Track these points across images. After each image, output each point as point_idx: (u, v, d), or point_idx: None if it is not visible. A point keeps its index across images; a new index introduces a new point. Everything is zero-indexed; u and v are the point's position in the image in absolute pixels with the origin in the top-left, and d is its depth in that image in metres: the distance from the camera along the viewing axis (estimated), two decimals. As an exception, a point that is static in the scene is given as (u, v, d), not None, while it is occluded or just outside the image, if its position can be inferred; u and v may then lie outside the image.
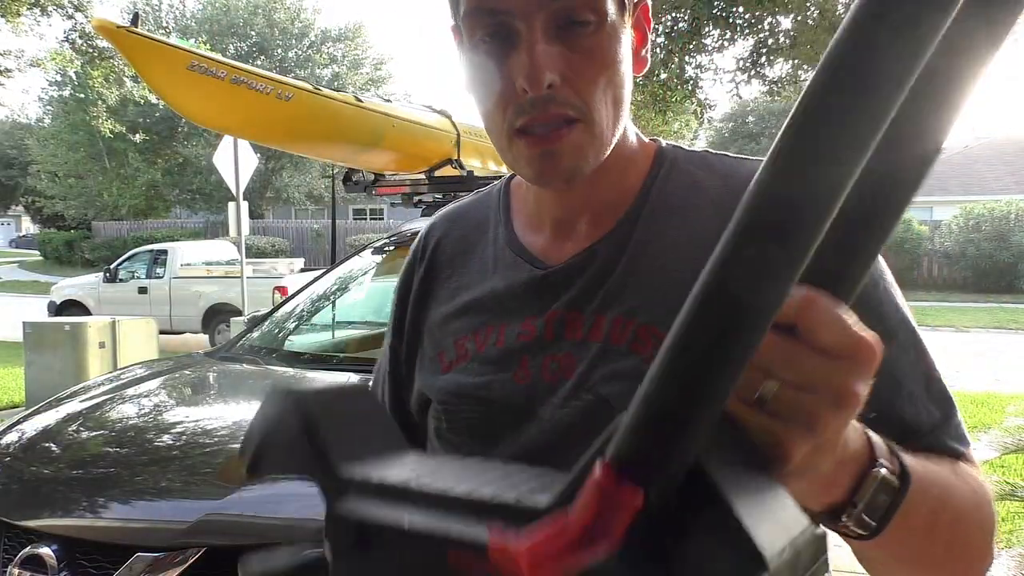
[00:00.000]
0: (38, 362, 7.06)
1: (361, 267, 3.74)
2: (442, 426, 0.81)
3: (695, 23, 7.70)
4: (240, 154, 8.99)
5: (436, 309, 0.86)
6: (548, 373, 0.75)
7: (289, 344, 3.27)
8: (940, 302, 19.77)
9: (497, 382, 0.77)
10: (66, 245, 32.81)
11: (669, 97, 8.73)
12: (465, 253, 0.87)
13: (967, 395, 8.28)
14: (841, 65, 0.31)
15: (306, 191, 34.71)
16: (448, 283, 0.86)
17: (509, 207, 0.87)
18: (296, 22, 34.73)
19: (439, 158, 3.84)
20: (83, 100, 23.21)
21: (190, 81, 2.78)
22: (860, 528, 0.56)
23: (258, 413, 0.47)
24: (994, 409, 7.22)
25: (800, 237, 0.33)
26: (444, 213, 0.94)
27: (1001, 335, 14.69)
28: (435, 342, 0.85)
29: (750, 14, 7.59)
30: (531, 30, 0.67)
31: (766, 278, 0.33)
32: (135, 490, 1.92)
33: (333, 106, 3.25)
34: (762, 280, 0.33)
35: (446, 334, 0.83)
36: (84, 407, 2.46)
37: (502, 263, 0.82)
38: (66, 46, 12.05)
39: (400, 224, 4.06)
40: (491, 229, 0.86)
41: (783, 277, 0.33)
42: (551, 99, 0.68)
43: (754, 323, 0.34)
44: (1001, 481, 3.28)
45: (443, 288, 0.86)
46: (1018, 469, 5.20)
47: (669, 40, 8.02)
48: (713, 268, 0.33)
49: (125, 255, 14.13)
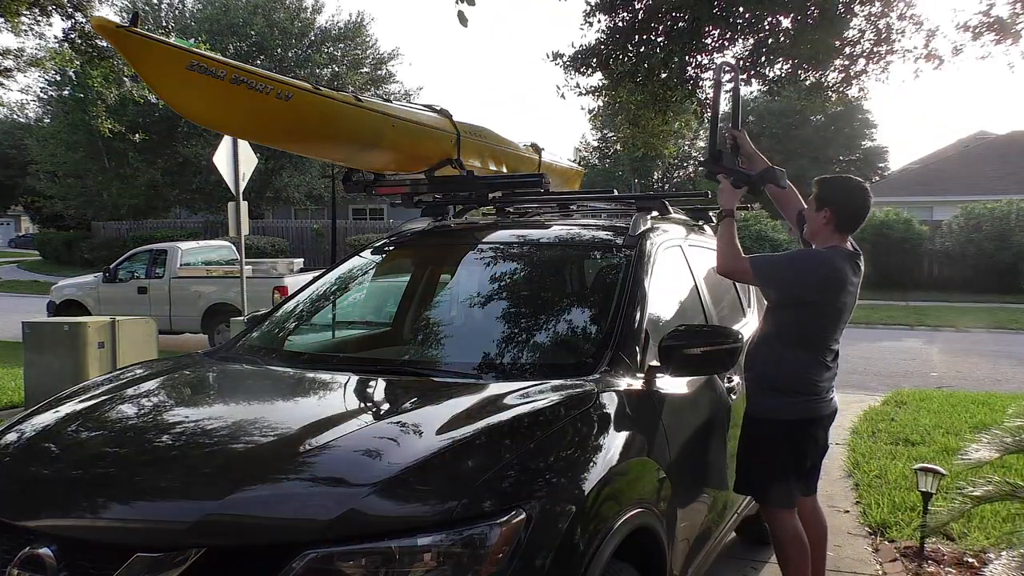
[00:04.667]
0: (38, 362, 7.06)
1: (361, 267, 3.74)
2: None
3: (695, 23, 7.69)
4: (240, 154, 8.99)
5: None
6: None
7: (289, 344, 3.26)
8: (940, 302, 19.74)
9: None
10: (65, 245, 32.78)
11: (669, 97, 8.72)
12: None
13: (967, 395, 8.27)
14: None
15: (306, 191, 34.69)
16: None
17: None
18: (296, 21, 34.70)
19: (439, 158, 3.83)
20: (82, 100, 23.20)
21: (190, 81, 2.77)
22: None
23: None
24: (994, 409, 7.22)
25: None
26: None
27: (1001, 335, 14.68)
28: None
29: (750, 14, 7.58)
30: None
31: None
32: (135, 490, 1.91)
33: (333, 106, 3.24)
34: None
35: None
36: (84, 407, 2.46)
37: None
38: (65, 46, 12.03)
39: (400, 224, 4.05)
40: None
41: None
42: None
43: None
44: (1001, 481, 3.27)
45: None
46: (1018, 469, 5.20)
47: (669, 40, 8.01)
48: None
49: (125, 255, 14.11)
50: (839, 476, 5.55)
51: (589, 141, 44.90)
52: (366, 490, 1.78)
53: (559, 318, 3.04)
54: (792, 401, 3.10)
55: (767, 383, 3.13)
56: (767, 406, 3.12)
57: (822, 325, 3.12)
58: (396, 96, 31.18)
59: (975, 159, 31.37)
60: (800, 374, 3.11)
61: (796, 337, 3.11)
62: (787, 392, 3.10)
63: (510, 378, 2.56)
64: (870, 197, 3.16)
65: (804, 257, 3.21)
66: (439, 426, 2.07)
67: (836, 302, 3.08)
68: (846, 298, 3.11)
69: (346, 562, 1.68)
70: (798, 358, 3.11)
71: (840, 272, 3.07)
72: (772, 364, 3.13)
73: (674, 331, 2.69)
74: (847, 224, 3.14)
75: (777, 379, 3.12)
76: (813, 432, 3.18)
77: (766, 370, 3.13)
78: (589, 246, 3.47)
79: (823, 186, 3.18)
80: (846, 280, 3.08)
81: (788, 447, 3.14)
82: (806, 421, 3.14)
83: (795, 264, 3.18)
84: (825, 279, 3.05)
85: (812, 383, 3.12)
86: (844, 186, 3.17)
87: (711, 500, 3.08)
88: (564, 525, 1.86)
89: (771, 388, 3.12)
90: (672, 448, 2.55)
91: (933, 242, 21.87)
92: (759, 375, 3.15)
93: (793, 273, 3.12)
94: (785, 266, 3.19)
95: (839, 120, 39.69)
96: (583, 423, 2.21)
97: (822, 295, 3.06)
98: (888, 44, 7.80)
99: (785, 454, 3.14)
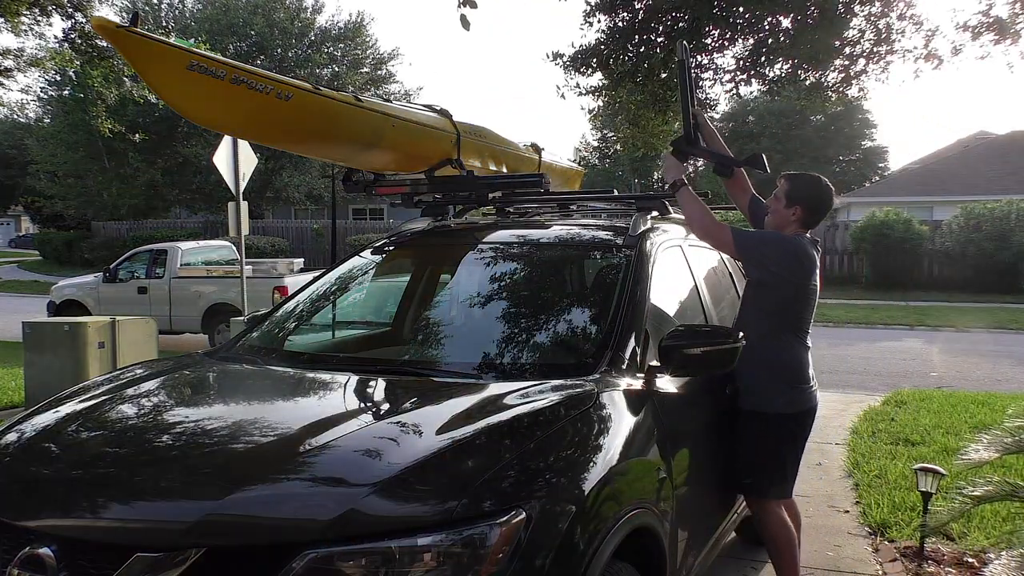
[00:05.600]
0: (38, 362, 7.06)
1: (361, 267, 3.74)
2: None
3: (695, 23, 7.69)
4: (240, 154, 8.99)
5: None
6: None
7: (289, 344, 3.26)
8: (940, 302, 19.74)
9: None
10: (65, 245, 32.77)
11: (669, 97, 8.71)
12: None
13: (967, 395, 8.27)
14: None
15: (306, 191, 34.69)
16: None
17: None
18: (296, 21, 34.70)
19: (439, 158, 3.83)
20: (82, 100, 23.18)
21: (190, 81, 2.77)
22: None
23: None
24: (994, 409, 7.22)
25: None
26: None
27: (1001, 335, 14.67)
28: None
29: (750, 14, 7.57)
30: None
31: None
32: (135, 490, 1.91)
33: (333, 106, 3.23)
34: None
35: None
36: (84, 407, 2.46)
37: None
38: (65, 46, 12.03)
39: (400, 224, 4.05)
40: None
41: None
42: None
43: None
44: (1001, 481, 3.27)
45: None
46: (1018, 469, 5.20)
47: (669, 40, 8.00)
48: None
49: (125, 255, 14.11)
50: (839, 476, 5.55)
51: (589, 141, 44.97)
52: (366, 490, 1.78)
53: (559, 318, 3.04)
54: (793, 394, 3.19)
55: (767, 374, 3.16)
56: (772, 400, 3.17)
57: (802, 307, 3.24)
58: (396, 96, 31.19)
59: (975, 159, 31.36)
60: (795, 361, 3.22)
61: (782, 322, 3.22)
62: (789, 383, 3.19)
63: (510, 378, 2.56)
64: (833, 195, 3.39)
65: (780, 239, 3.30)
66: (439, 426, 2.07)
67: (810, 283, 3.22)
68: (816, 280, 3.27)
69: (346, 562, 1.68)
70: (790, 344, 3.22)
71: (812, 255, 3.24)
72: (772, 351, 3.18)
73: (674, 331, 2.69)
74: (813, 221, 3.33)
75: (775, 366, 3.17)
76: (809, 423, 3.30)
77: (766, 356, 3.16)
78: (589, 246, 3.47)
79: (795, 184, 3.33)
80: (815, 262, 3.25)
81: (792, 441, 3.24)
82: (804, 413, 3.25)
83: (776, 244, 3.27)
84: (801, 260, 3.19)
85: (805, 370, 3.25)
86: (815, 186, 3.33)
87: (711, 500, 3.08)
88: (564, 525, 1.86)
89: (772, 380, 3.17)
90: (672, 448, 2.55)
91: (933, 242, 21.86)
92: (758, 366, 3.16)
93: (773, 251, 3.22)
94: (765, 243, 3.30)
95: (839, 120, 39.70)
96: (583, 423, 2.21)
97: (800, 276, 3.18)
98: (888, 44, 7.80)
99: (790, 448, 3.24)
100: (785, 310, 3.21)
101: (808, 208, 3.27)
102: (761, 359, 3.13)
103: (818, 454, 5.99)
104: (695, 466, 2.86)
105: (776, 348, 3.19)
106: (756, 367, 3.14)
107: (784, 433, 3.20)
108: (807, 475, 3.39)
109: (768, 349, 3.16)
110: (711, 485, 3.08)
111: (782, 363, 3.19)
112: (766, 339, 3.16)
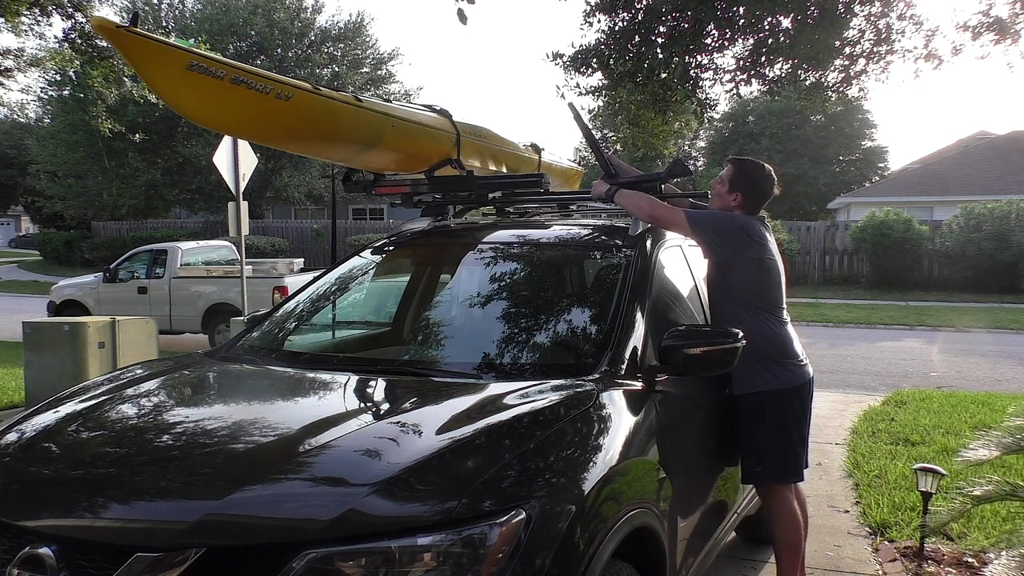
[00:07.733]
0: (38, 362, 7.06)
1: (361, 267, 3.74)
2: None
3: (697, 24, 7.68)
4: (240, 154, 9.00)
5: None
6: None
7: (289, 344, 3.26)
8: (940, 302, 19.75)
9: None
10: (65, 245, 32.76)
11: (669, 97, 8.71)
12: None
13: (967, 395, 8.27)
14: None
15: (306, 191, 34.68)
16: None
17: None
18: (296, 21, 34.68)
19: (439, 158, 3.83)
20: (82, 100, 23.20)
21: (189, 81, 2.77)
22: None
23: None
24: (994, 409, 7.22)
25: None
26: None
27: (1001, 335, 14.67)
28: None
29: (750, 14, 7.57)
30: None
31: None
32: (135, 490, 1.91)
33: (333, 106, 3.23)
34: None
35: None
36: (84, 407, 2.46)
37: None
38: (65, 46, 12.04)
39: (400, 224, 4.05)
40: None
41: None
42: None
43: None
44: (1001, 481, 3.27)
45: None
46: (1018, 469, 5.20)
47: (669, 40, 8.00)
48: None
49: (125, 255, 14.11)
50: (839, 476, 5.56)
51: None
52: (366, 490, 1.78)
53: (559, 318, 3.05)
54: (782, 369, 3.22)
55: (752, 355, 3.12)
56: (763, 378, 3.19)
57: (765, 284, 3.27)
58: (396, 96, 31.18)
59: (975, 159, 31.36)
60: (777, 338, 3.25)
61: (754, 303, 3.24)
62: (776, 359, 3.21)
63: (510, 378, 2.57)
64: (775, 184, 3.45)
65: (728, 215, 3.35)
66: (439, 426, 2.07)
67: (764, 256, 3.25)
68: (772, 254, 3.31)
69: (346, 562, 1.68)
70: (769, 324, 3.24)
71: (761, 231, 3.30)
72: (754, 333, 3.14)
73: (674, 331, 2.69)
74: (754, 208, 3.39)
75: (759, 345, 3.15)
76: (808, 398, 3.32)
77: (749, 338, 3.14)
78: (589, 246, 3.48)
79: (738, 171, 3.39)
80: (766, 239, 3.30)
81: (795, 418, 3.24)
82: (800, 387, 3.26)
83: (724, 219, 3.32)
84: (749, 233, 3.23)
85: (789, 345, 3.28)
86: (758, 174, 3.40)
87: (711, 500, 3.08)
88: (564, 525, 1.86)
89: (758, 359, 3.16)
90: (672, 448, 2.55)
91: (933, 242, 21.86)
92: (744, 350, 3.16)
93: (722, 224, 3.27)
94: (713, 218, 3.35)
95: (839, 120, 39.66)
96: (583, 423, 2.21)
97: (753, 249, 3.23)
98: (888, 44, 7.79)
99: (794, 425, 3.24)
100: (751, 290, 3.24)
101: (748, 196, 3.35)
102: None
103: (818, 454, 5.99)
104: (695, 466, 2.86)
105: (757, 330, 3.17)
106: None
107: (785, 410, 3.21)
108: (807, 475, 3.39)
109: (750, 333, 3.15)
110: (711, 485, 3.08)
111: (765, 341, 3.19)
112: (744, 324, 3.14)
